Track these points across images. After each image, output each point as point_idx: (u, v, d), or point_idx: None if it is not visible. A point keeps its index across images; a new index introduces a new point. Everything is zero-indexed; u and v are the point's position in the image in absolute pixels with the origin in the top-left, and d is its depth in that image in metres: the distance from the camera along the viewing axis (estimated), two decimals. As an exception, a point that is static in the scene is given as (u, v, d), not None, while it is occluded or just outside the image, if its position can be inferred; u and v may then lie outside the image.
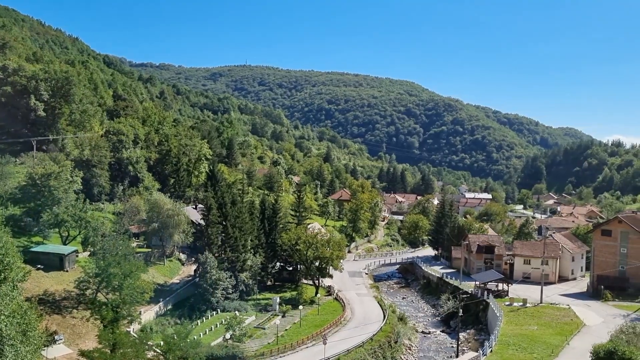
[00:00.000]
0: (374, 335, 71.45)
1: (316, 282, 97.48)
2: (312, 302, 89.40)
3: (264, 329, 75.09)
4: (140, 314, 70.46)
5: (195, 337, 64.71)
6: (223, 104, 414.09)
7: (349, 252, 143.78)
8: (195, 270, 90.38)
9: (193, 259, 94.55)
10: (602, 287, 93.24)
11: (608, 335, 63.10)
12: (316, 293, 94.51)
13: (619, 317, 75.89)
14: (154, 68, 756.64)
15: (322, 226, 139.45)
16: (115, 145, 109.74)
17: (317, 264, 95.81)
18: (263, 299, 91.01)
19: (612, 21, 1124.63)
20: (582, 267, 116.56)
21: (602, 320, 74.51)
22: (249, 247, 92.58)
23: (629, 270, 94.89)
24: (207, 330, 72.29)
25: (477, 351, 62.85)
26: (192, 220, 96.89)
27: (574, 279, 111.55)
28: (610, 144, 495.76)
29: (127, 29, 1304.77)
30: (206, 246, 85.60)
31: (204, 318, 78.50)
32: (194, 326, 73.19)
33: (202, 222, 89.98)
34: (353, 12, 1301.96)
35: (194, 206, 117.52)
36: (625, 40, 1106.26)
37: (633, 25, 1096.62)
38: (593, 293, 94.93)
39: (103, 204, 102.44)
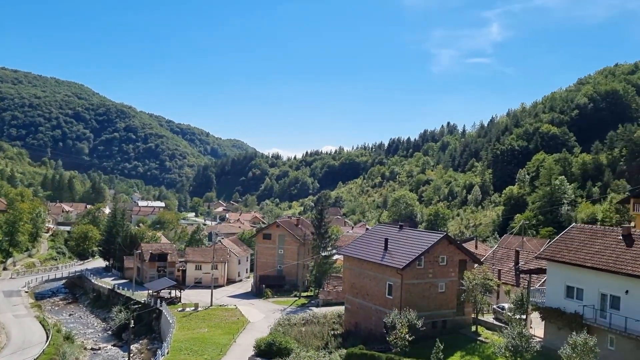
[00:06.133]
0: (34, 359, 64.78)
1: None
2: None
3: None
4: None
5: None
6: None
7: (5, 269, 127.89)
8: None
9: None
10: (264, 285, 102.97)
11: (268, 329, 69.98)
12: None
13: (277, 311, 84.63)
14: None
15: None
16: None
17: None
18: None
19: (272, 42, 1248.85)
20: (247, 269, 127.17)
21: (264, 316, 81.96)
22: None
23: (285, 269, 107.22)
24: None
25: (149, 360, 62.64)
26: None
27: (241, 280, 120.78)
28: (271, 156, 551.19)
29: None
30: None
31: None
32: None
33: None
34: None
35: None
36: (268, 65, 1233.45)
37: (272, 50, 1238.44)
38: (257, 292, 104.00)
39: None
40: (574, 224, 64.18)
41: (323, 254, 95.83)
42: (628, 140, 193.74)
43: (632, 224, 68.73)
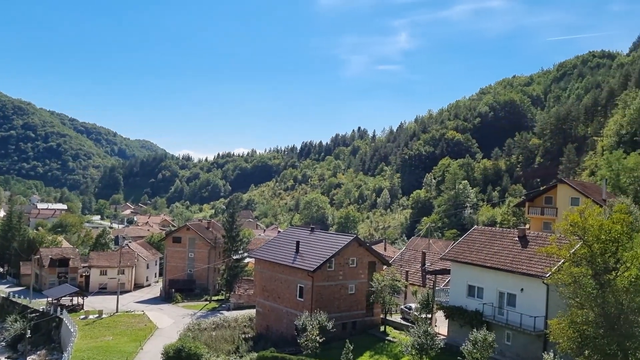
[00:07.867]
0: None
1: None
2: None
3: None
4: None
5: None
6: None
7: None
8: None
9: None
10: (174, 290, 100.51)
11: (177, 334, 68.33)
12: None
13: (187, 316, 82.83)
14: None
15: None
16: None
17: None
18: None
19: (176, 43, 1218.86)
20: (156, 273, 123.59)
21: (173, 322, 79.96)
22: None
23: (196, 273, 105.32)
24: None
25: (48, 372, 59.35)
26: None
27: (149, 285, 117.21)
28: (181, 158, 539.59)
29: None
30: None
31: None
32: None
33: None
34: None
35: None
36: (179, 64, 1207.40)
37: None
38: (166, 297, 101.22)
39: None
40: (475, 226, 67.52)
41: (234, 257, 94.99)
42: (524, 147, 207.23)
43: (527, 226, 73.31)
